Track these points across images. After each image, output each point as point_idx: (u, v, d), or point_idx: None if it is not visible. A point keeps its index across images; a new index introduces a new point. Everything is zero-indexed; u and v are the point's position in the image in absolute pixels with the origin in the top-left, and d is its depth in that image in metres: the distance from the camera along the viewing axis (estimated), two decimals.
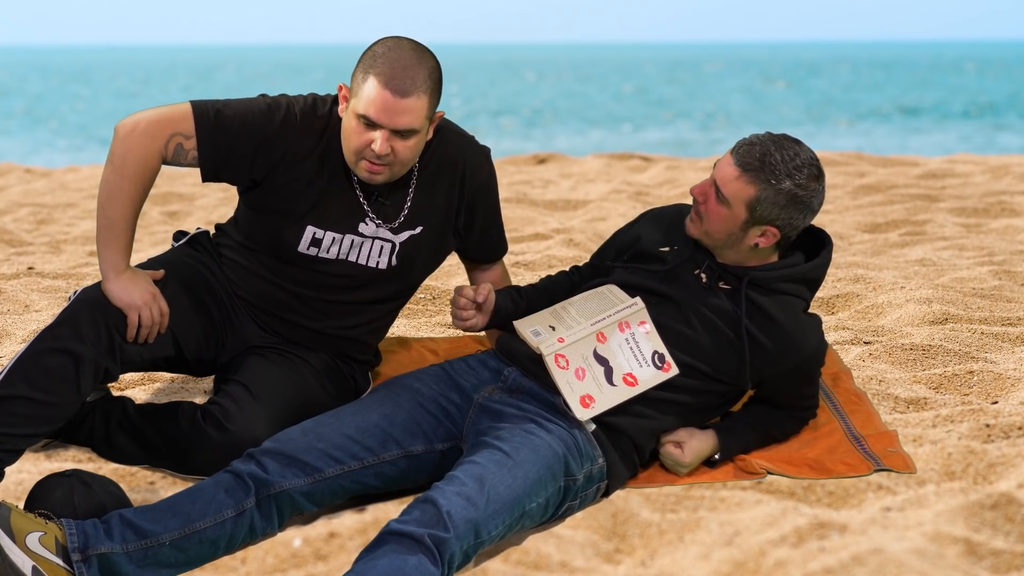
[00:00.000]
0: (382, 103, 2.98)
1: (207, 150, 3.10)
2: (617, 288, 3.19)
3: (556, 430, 2.94)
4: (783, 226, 3.04)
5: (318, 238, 3.21)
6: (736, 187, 3.01)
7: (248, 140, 3.12)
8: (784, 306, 3.11)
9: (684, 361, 3.09)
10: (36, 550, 2.59)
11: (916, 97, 39.96)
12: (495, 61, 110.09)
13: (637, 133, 26.87)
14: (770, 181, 2.98)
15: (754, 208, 3.01)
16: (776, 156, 2.99)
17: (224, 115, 3.11)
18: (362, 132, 3.03)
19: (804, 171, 3.00)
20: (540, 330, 3.11)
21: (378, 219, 3.22)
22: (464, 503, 2.64)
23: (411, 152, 3.08)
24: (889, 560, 2.52)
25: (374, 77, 2.98)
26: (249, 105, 3.16)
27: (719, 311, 3.10)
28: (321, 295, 3.29)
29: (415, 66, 3.00)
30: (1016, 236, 6.48)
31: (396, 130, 3.01)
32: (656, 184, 8.52)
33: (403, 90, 2.98)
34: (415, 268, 3.34)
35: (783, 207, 3.00)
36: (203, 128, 3.09)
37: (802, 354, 3.12)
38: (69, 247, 6.36)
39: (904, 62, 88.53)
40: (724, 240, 3.09)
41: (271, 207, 3.21)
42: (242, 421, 3.09)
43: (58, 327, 3.00)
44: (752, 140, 3.04)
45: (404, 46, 3.03)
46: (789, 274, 3.12)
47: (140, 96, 45.16)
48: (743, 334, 3.07)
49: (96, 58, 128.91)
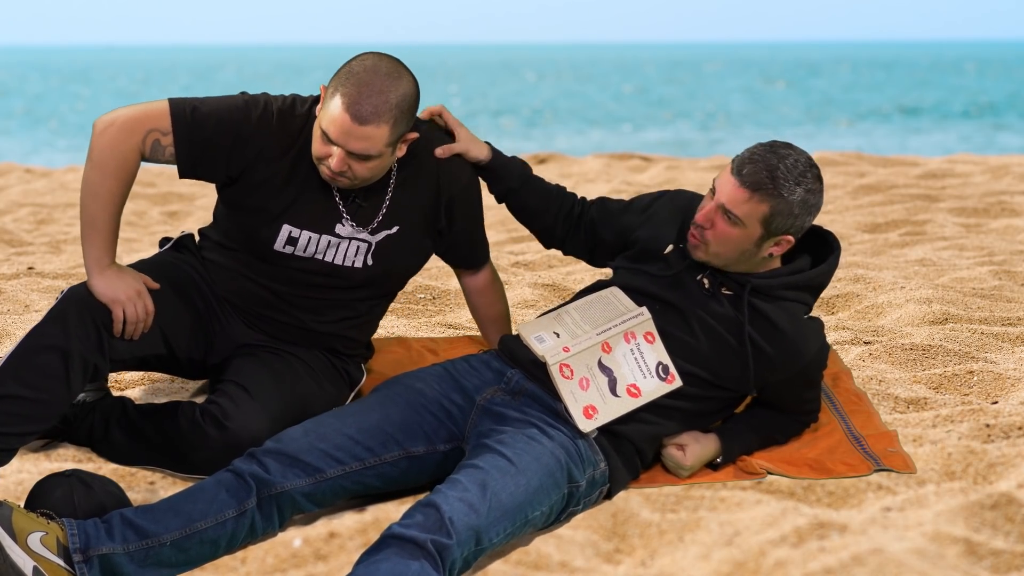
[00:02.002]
0: (340, 125, 2.98)
1: (183, 146, 3.11)
2: (621, 293, 3.17)
3: (558, 436, 2.94)
4: (796, 232, 3.05)
5: (294, 237, 3.22)
6: (749, 207, 2.98)
7: (224, 136, 3.13)
8: (786, 312, 3.10)
9: (687, 370, 3.08)
10: (37, 550, 2.59)
11: (916, 97, 39.95)
12: (495, 61, 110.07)
13: (637, 133, 26.86)
14: (782, 194, 2.97)
15: (769, 223, 2.99)
16: (781, 168, 2.97)
17: (200, 112, 3.12)
18: (323, 144, 3.05)
19: (808, 175, 3.00)
20: (544, 336, 3.10)
21: (353, 221, 3.23)
22: (466, 509, 2.63)
23: (370, 172, 3.08)
24: (889, 560, 2.52)
25: (340, 96, 2.98)
26: (226, 102, 3.17)
27: (722, 318, 3.09)
28: (301, 292, 3.30)
29: (383, 93, 2.98)
30: (1016, 236, 6.48)
31: (351, 152, 3.02)
32: (656, 184, 8.52)
33: (363, 117, 2.97)
34: (393, 268, 3.32)
35: (797, 216, 3.00)
36: (179, 124, 3.10)
37: (804, 360, 3.11)
38: (69, 247, 6.36)
39: (904, 62, 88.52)
40: (737, 258, 3.06)
41: (247, 205, 3.22)
42: (241, 419, 3.10)
43: (46, 325, 3.01)
44: (750, 157, 3.01)
45: (380, 68, 3.01)
46: (793, 281, 3.12)
47: (140, 96, 45.18)
48: (746, 341, 3.06)
49: (96, 58, 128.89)
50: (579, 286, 5.10)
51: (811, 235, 3.26)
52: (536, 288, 5.06)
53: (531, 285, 5.10)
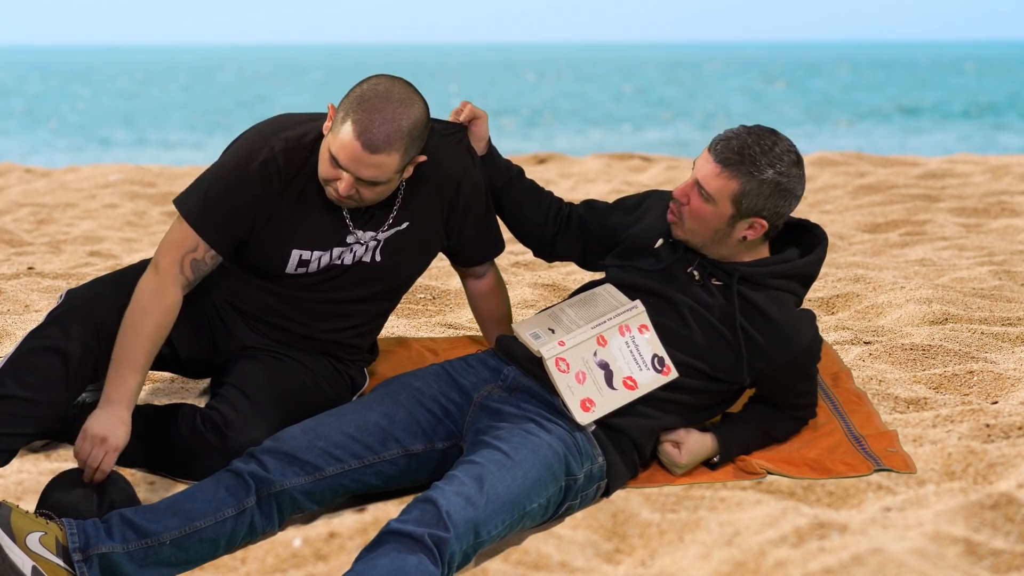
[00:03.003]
0: (351, 152, 2.94)
1: (214, 237, 3.10)
2: (614, 289, 3.19)
3: (556, 430, 2.94)
4: (770, 216, 3.06)
5: (305, 259, 3.21)
6: (719, 183, 3.02)
7: (241, 205, 3.10)
8: (776, 302, 3.11)
9: (682, 360, 3.09)
10: (36, 550, 2.59)
11: (916, 97, 39.95)
12: (495, 61, 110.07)
13: (637, 133, 26.86)
14: (752, 173, 3.00)
15: (740, 202, 3.02)
16: (755, 148, 3.01)
17: (210, 198, 3.09)
18: (332, 167, 3.01)
19: (784, 159, 3.02)
20: (540, 333, 3.11)
21: (361, 228, 3.21)
22: (463, 503, 2.64)
23: (377, 196, 3.06)
24: (889, 560, 2.52)
25: (352, 123, 2.93)
26: (226, 171, 3.12)
27: (713, 308, 3.11)
28: (308, 296, 3.28)
29: (395, 120, 2.93)
30: (1016, 236, 6.48)
31: (361, 179, 2.99)
32: (656, 184, 8.52)
33: (374, 146, 2.93)
34: (402, 263, 3.31)
35: (768, 197, 3.02)
36: (202, 227, 3.08)
37: (796, 349, 3.12)
38: (69, 247, 6.36)
39: (904, 62, 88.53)
40: (711, 237, 3.10)
41: (257, 238, 3.19)
42: (241, 427, 3.09)
43: (47, 327, 3.01)
44: (728, 135, 3.06)
45: (392, 95, 2.96)
46: (780, 270, 3.13)
47: (140, 96, 45.17)
48: (738, 329, 3.08)
49: (96, 58, 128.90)
50: (578, 286, 5.10)
51: (798, 229, 3.28)
52: (536, 288, 5.06)
53: (531, 285, 5.10)
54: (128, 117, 32.86)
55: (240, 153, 3.13)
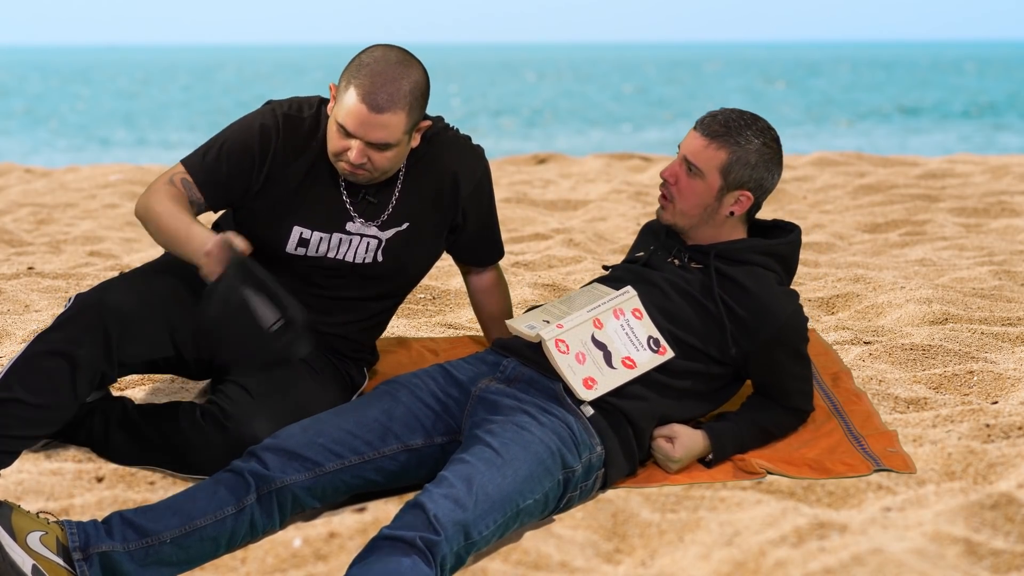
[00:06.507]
0: (358, 116, 3.03)
1: (208, 188, 3.20)
2: (602, 284, 3.29)
3: (550, 422, 2.94)
4: (755, 188, 3.20)
5: (305, 238, 3.26)
6: (707, 155, 3.17)
7: (239, 161, 3.20)
8: (753, 276, 3.20)
9: (675, 335, 3.16)
10: (36, 549, 2.59)
11: (916, 97, 39.96)
12: (495, 61, 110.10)
13: (637, 133, 26.87)
14: (739, 142, 3.16)
15: (728, 172, 3.16)
16: (740, 121, 3.19)
17: (210, 151, 3.22)
18: (340, 138, 3.09)
19: (767, 134, 3.22)
20: (535, 324, 3.16)
21: (362, 217, 3.26)
22: (452, 506, 2.64)
23: (389, 162, 3.13)
24: (889, 560, 2.52)
25: (354, 88, 3.04)
26: (230, 131, 3.24)
27: (696, 285, 3.20)
28: (312, 291, 3.31)
29: (396, 80, 3.03)
30: (1016, 236, 6.48)
31: (371, 143, 3.05)
32: (656, 184, 8.52)
33: (379, 105, 3.01)
34: (404, 265, 3.35)
35: (754, 167, 3.17)
36: (197, 173, 3.20)
37: (777, 322, 3.14)
38: (69, 247, 6.36)
39: (904, 62, 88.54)
40: (700, 215, 3.22)
41: (258, 209, 3.26)
42: (240, 420, 3.10)
43: (55, 330, 3.01)
44: (713, 113, 3.24)
45: (390, 58, 3.06)
46: (755, 245, 3.25)
47: (140, 96, 45.18)
48: (717, 301, 3.15)
49: (96, 58, 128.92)
50: (578, 286, 5.10)
51: (774, 229, 3.39)
52: (536, 288, 5.06)
53: (531, 285, 5.11)
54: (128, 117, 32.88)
55: (243, 119, 3.27)
